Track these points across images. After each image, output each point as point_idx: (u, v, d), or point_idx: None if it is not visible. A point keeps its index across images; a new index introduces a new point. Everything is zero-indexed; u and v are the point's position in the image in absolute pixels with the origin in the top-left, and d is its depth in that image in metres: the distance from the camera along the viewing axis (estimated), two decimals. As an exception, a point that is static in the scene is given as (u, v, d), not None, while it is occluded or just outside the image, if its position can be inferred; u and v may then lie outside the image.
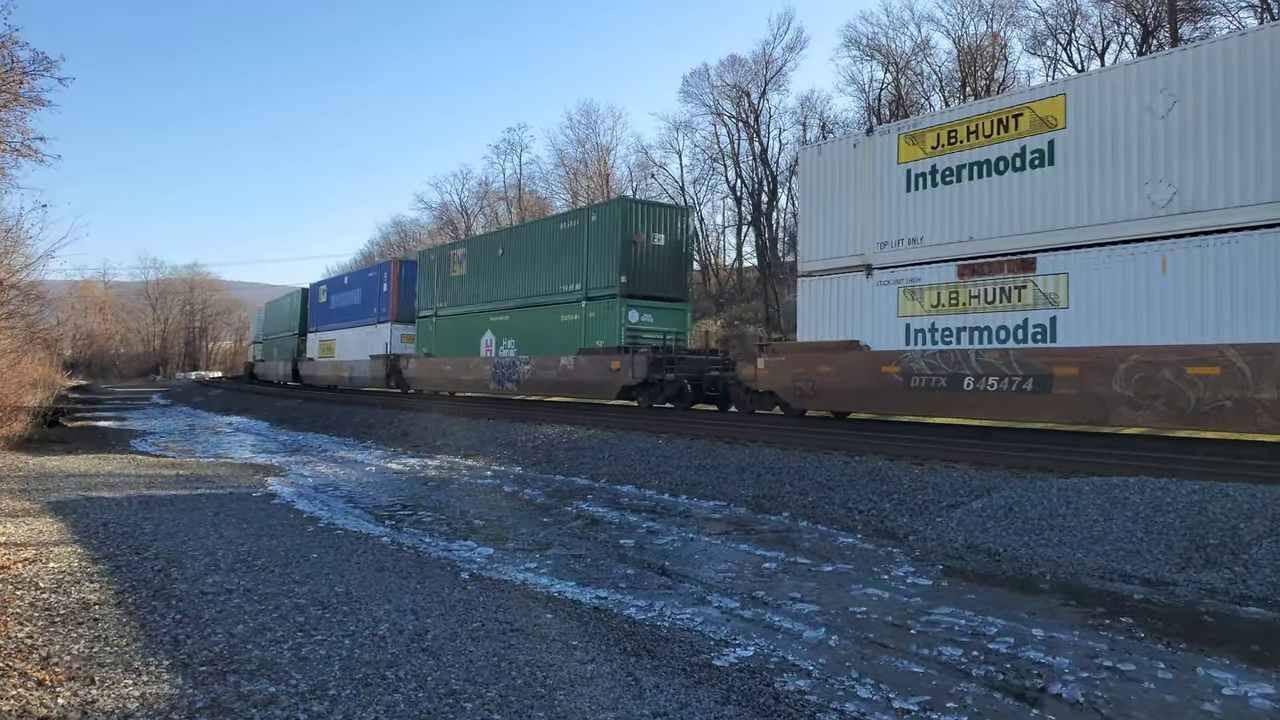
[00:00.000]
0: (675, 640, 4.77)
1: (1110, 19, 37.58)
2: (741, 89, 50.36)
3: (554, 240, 20.76)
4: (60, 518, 8.24)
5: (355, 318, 32.01)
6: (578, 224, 20.10)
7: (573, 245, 20.04)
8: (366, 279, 31.97)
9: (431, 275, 26.63)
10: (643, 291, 18.82)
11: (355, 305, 32.50)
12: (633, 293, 18.59)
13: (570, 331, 19.70)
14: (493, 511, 9.39)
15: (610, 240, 18.76)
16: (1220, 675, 4.28)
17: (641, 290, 18.79)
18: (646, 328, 18.68)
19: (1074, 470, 8.77)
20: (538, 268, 21.28)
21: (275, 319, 45.44)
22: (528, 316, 21.49)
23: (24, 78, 14.23)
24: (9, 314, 21.02)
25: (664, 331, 18.79)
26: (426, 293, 26.82)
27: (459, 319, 24.64)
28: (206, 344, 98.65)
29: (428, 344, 26.33)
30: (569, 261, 20.10)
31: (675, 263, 19.54)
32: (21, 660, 4.11)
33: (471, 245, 25.24)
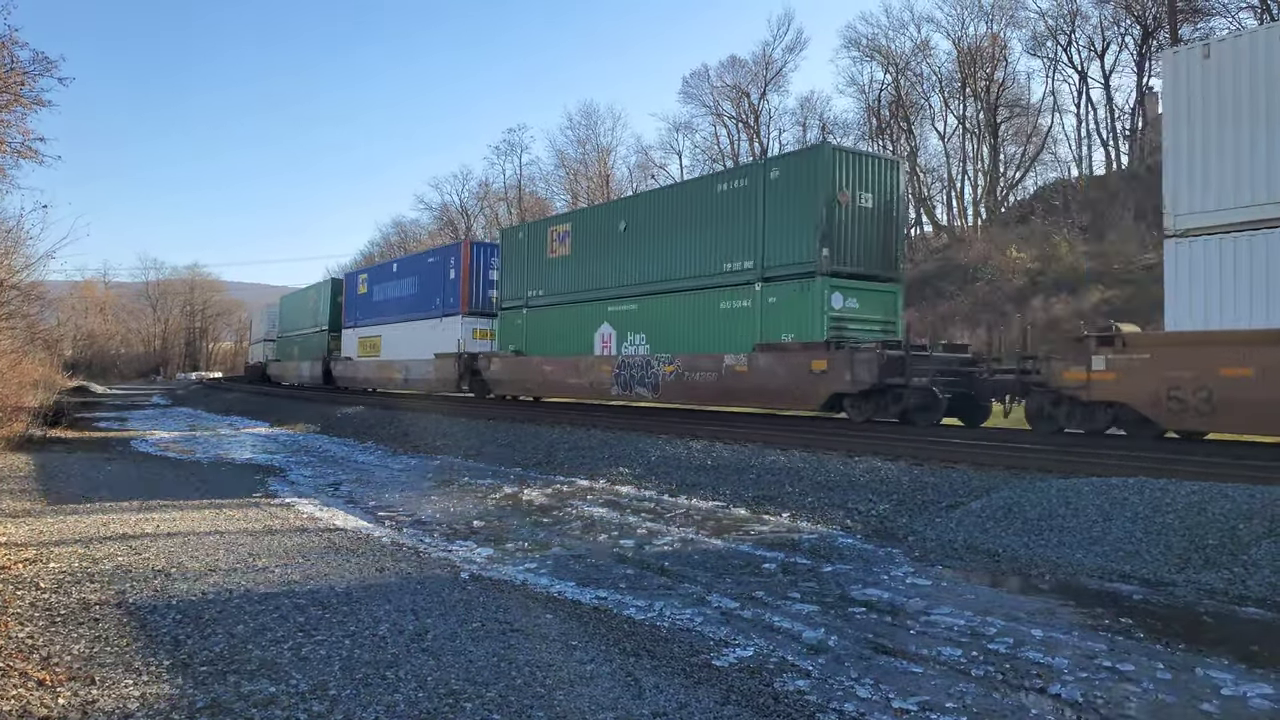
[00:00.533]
0: (675, 640, 4.78)
1: (1110, 20, 37.62)
2: (741, 90, 50.43)
3: (708, 207, 16.38)
4: (60, 518, 8.25)
5: (409, 311, 27.93)
6: (748, 183, 15.62)
7: (740, 211, 15.61)
8: (425, 266, 27.63)
9: (520, 258, 22.21)
10: (849, 269, 14.47)
11: (409, 297, 28.25)
12: (836, 270, 14.28)
13: (737, 322, 15.51)
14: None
15: (804, 201, 14.35)
16: (1219, 676, 4.29)
17: (848, 267, 14.44)
18: (853, 316, 14.47)
19: (1073, 471, 8.78)
20: (682, 243, 16.93)
21: (295, 314, 41.43)
22: (665, 305, 17.24)
23: (24, 78, 14.26)
24: (9, 314, 21.03)
25: (875, 321, 14.65)
26: (513, 279, 22.42)
27: (561, 310, 20.49)
28: (207, 344, 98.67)
29: (515, 340, 22.10)
30: (735, 232, 15.69)
31: (885, 231, 15.02)
32: (22, 660, 4.12)
33: (579, 220, 20.91)
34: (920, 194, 45.67)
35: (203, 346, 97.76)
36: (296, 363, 39.75)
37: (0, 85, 14.02)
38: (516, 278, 22.38)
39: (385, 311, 29.97)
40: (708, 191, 16.61)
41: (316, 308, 37.21)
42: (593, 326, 19.28)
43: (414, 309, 27.66)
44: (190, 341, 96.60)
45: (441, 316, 25.79)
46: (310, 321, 38.12)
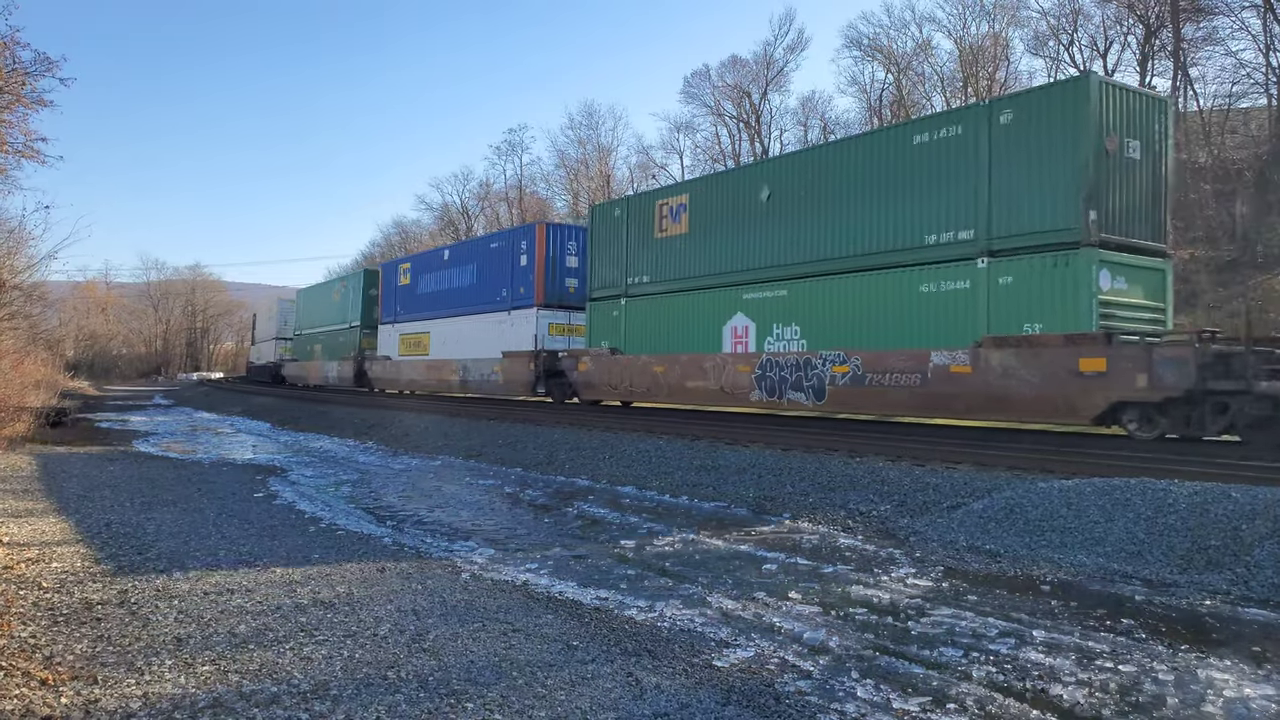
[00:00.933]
0: (676, 641, 4.78)
1: (1113, 19, 37.58)
2: (743, 89, 50.42)
3: (898, 164, 12.99)
4: (63, 518, 8.26)
5: (467, 304, 24.65)
6: (963, 131, 12.23)
7: (951, 167, 12.30)
8: (487, 252, 24.20)
9: (617, 239, 18.67)
10: (1118, 238, 11.10)
11: (466, 288, 24.83)
12: (1105, 239, 10.90)
13: (947, 310, 12.13)
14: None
15: (1058, 149, 11.04)
16: (1221, 677, 4.28)
17: (1117, 235, 11.10)
18: (1122, 299, 11.10)
19: (1075, 471, 8.77)
20: (857, 211, 13.56)
21: (317, 310, 37.83)
22: (831, 290, 13.88)
23: (26, 78, 14.29)
24: (11, 315, 21.08)
25: (1144, 307, 11.41)
26: (608, 265, 18.92)
27: (675, 300, 17.03)
28: (208, 345, 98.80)
29: (609, 335, 18.68)
30: (942, 195, 12.36)
31: (1154, 190, 11.71)
32: (25, 660, 4.13)
33: (700, 190, 16.96)
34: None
35: (204, 347, 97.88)
36: (320, 362, 36.00)
37: (2, 85, 14.04)
38: (611, 263, 18.71)
39: (435, 305, 26.59)
40: (897, 145, 13.11)
41: (345, 303, 33.75)
42: (721, 318, 15.81)
43: (473, 301, 24.36)
44: (191, 342, 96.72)
45: (510, 309, 22.37)
46: (337, 318, 34.69)
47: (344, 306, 34.03)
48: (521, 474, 12.65)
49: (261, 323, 51.62)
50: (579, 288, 21.43)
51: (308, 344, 38.80)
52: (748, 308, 15.41)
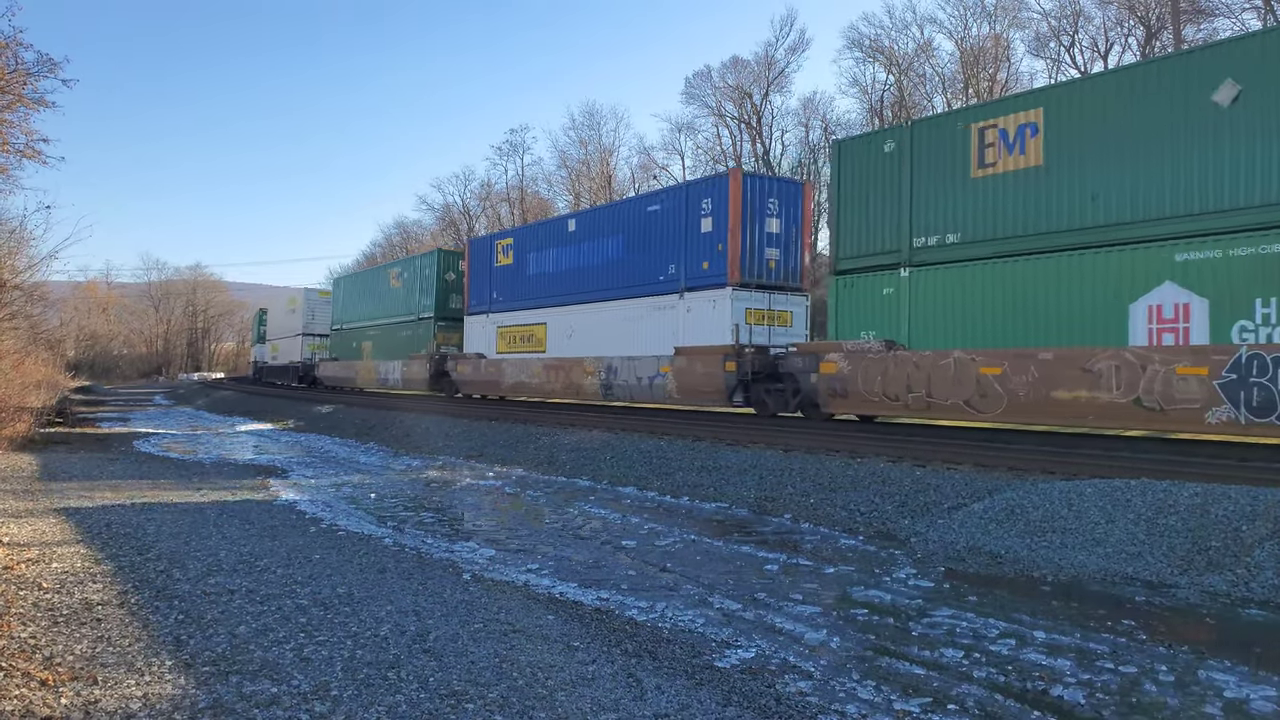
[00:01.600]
0: (677, 641, 4.78)
1: (1113, 21, 37.59)
2: (744, 90, 50.40)
3: None
4: (63, 518, 8.26)
5: (609, 285, 19.13)
6: None
7: None
8: (642, 216, 18.38)
9: (887, 184, 13.46)
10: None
11: (607, 265, 19.33)
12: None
13: None
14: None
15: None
16: (1222, 678, 4.28)
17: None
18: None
19: (1076, 472, 8.76)
20: None
21: (363, 302, 31.99)
22: None
23: (28, 79, 14.29)
24: (12, 315, 21.11)
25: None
26: (870, 222, 13.61)
27: (1011, 268, 11.73)
28: (209, 345, 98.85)
29: (874, 322, 13.51)
30: None
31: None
32: (25, 660, 4.13)
33: (1066, 100, 11.44)
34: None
35: (205, 347, 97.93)
36: (373, 363, 29.67)
37: (4, 86, 14.06)
38: (877, 220, 13.55)
39: (554, 289, 21.02)
40: None
41: (408, 291, 28.00)
42: (1124, 291, 10.54)
43: (619, 282, 18.79)
44: (192, 342, 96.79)
45: (683, 291, 17.00)
46: (395, 309, 28.91)
47: (407, 295, 28.03)
48: (522, 474, 12.65)
49: (277, 317, 45.33)
50: (781, 261, 16.56)
51: (352, 340, 32.48)
52: (1186, 275, 10.05)
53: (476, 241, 25.61)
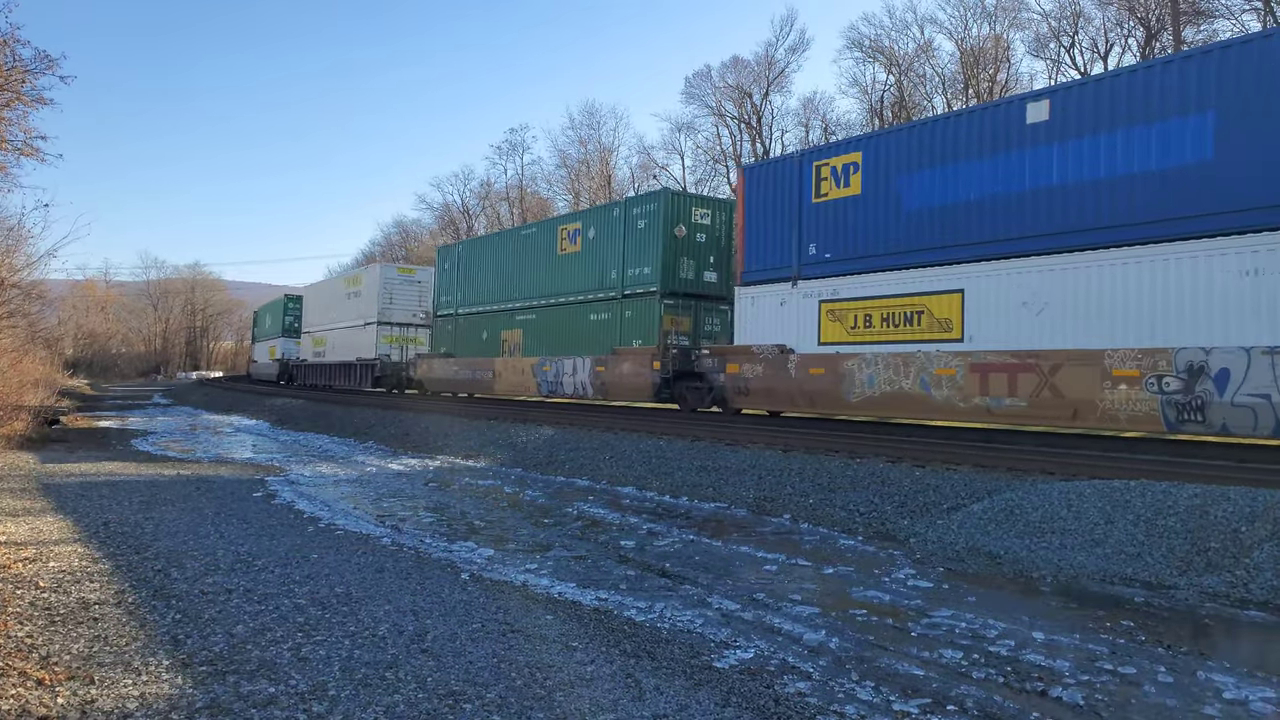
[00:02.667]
0: (675, 642, 4.77)
1: (1113, 22, 37.60)
2: (744, 90, 50.39)
3: None
4: (61, 517, 8.24)
5: (1164, 212, 9.63)
6: None
7: None
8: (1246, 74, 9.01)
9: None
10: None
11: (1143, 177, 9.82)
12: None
13: None
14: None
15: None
16: (1221, 679, 4.27)
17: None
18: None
19: (1075, 473, 8.76)
20: None
21: (508, 273, 22.48)
22: None
23: (26, 76, 14.27)
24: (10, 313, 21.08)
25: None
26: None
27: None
28: (208, 344, 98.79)
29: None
30: None
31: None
32: (21, 659, 4.11)
33: None
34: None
35: (203, 346, 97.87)
36: (527, 361, 20.78)
37: (2, 83, 14.03)
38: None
39: (968, 227, 11.78)
40: None
41: (601, 253, 18.90)
42: None
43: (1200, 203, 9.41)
44: (191, 341, 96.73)
45: None
46: (575, 281, 19.64)
47: (595, 261, 19.03)
48: (521, 474, 12.64)
49: (323, 303, 36.33)
50: None
51: (480, 330, 23.31)
52: None
53: (765, 167, 15.16)
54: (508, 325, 22.24)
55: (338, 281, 36.58)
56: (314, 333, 37.05)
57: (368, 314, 30.41)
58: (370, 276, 30.82)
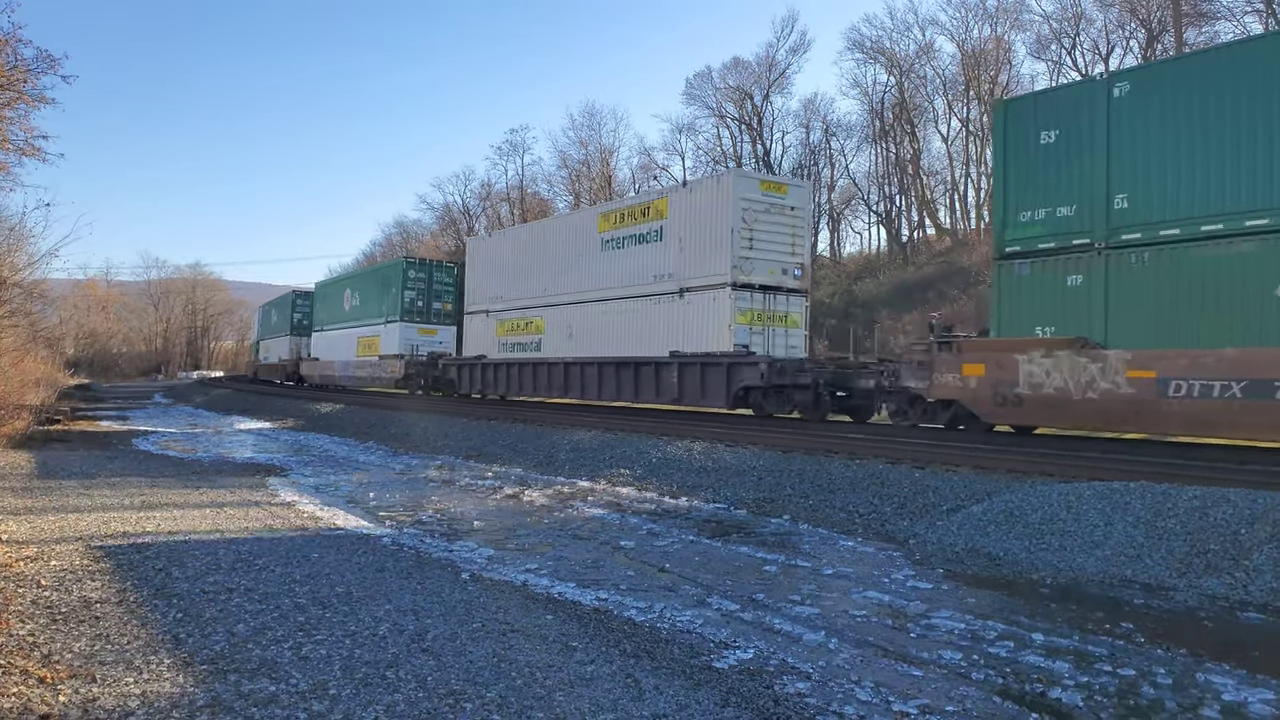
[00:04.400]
0: (675, 642, 4.77)
1: (1115, 23, 37.61)
2: (744, 91, 50.41)
3: None
4: (61, 515, 8.25)
5: None
6: None
7: None
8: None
9: None
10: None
11: None
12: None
13: None
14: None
15: None
16: (1220, 681, 4.28)
17: None
18: None
19: (1075, 475, 8.76)
20: None
21: None
22: None
23: (27, 75, 14.27)
24: (12, 312, 21.10)
25: None
26: None
27: None
28: (208, 344, 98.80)
29: None
30: None
31: None
32: (23, 658, 4.12)
33: None
34: (923, 197, 45.68)
35: (204, 345, 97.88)
36: None
37: (3, 82, 14.04)
38: None
39: None
40: None
41: None
42: None
43: None
44: (192, 340, 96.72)
45: None
46: None
47: None
48: (520, 473, 12.65)
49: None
50: None
51: None
52: None
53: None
54: None
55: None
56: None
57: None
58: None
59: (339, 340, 33.70)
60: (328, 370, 34.38)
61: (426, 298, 28.99)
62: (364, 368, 30.39)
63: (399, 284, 28.46)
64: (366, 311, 31.04)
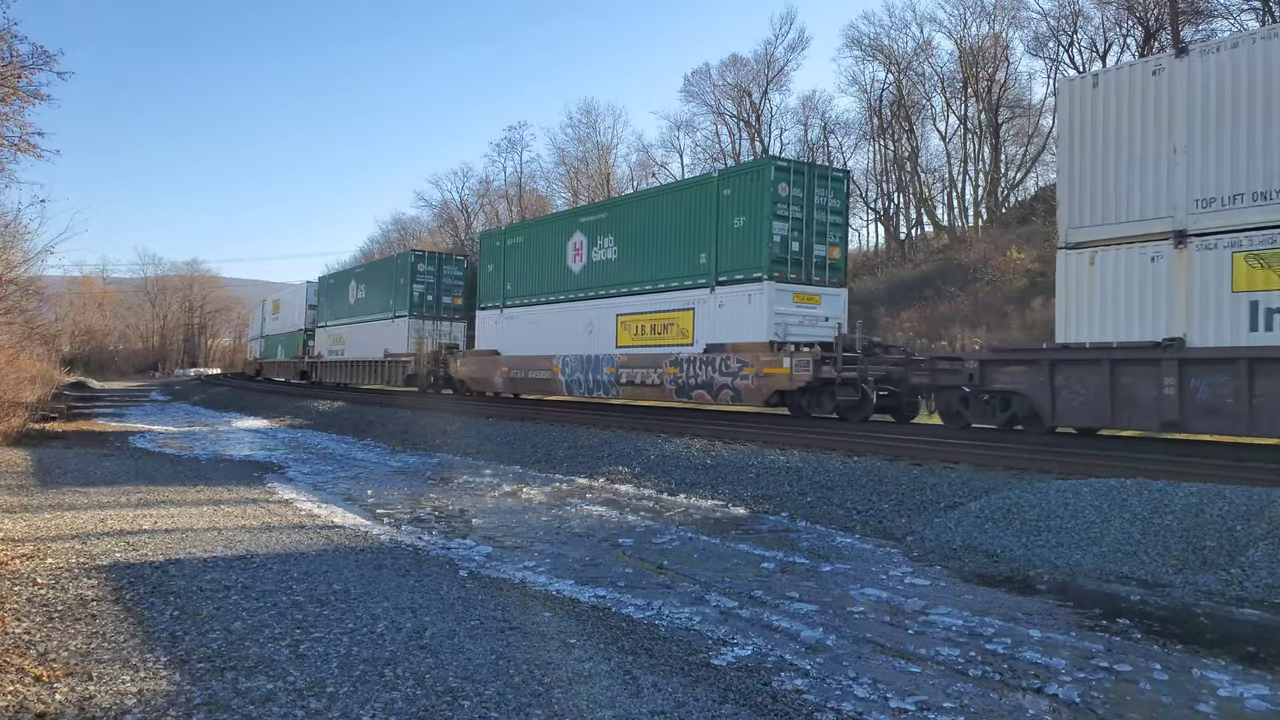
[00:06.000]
0: (673, 639, 4.77)
1: (1112, 21, 37.61)
2: (743, 88, 50.37)
3: None
4: (58, 513, 8.23)
5: None
6: None
7: None
8: None
9: None
10: None
11: None
12: None
13: None
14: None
15: None
16: (1216, 676, 4.29)
17: None
18: None
19: (1072, 472, 8.77)
20: None
21: None
22: None
23: (23, 71, 14.19)
24: (7, 310, 21.02)
25: None
26: None
27: None
28: (205, 341, 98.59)
29: None
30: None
31: None
32: (19, 656, 4.11)
33: None
34: (921, 194, 45.67)
35: (201, 343, 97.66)
36: None
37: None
38: None
39: None
40: None
41: None
42: None
43: None
44: (189, 338, 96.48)
45: None
46: None
47: None
48: (519, 471, 12.64)
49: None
50: None
51: None
52: None
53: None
54: None
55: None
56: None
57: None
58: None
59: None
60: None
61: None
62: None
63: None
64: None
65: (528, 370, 21.09)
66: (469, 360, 23.89)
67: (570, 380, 19.29)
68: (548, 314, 20.87)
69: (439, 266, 28.61)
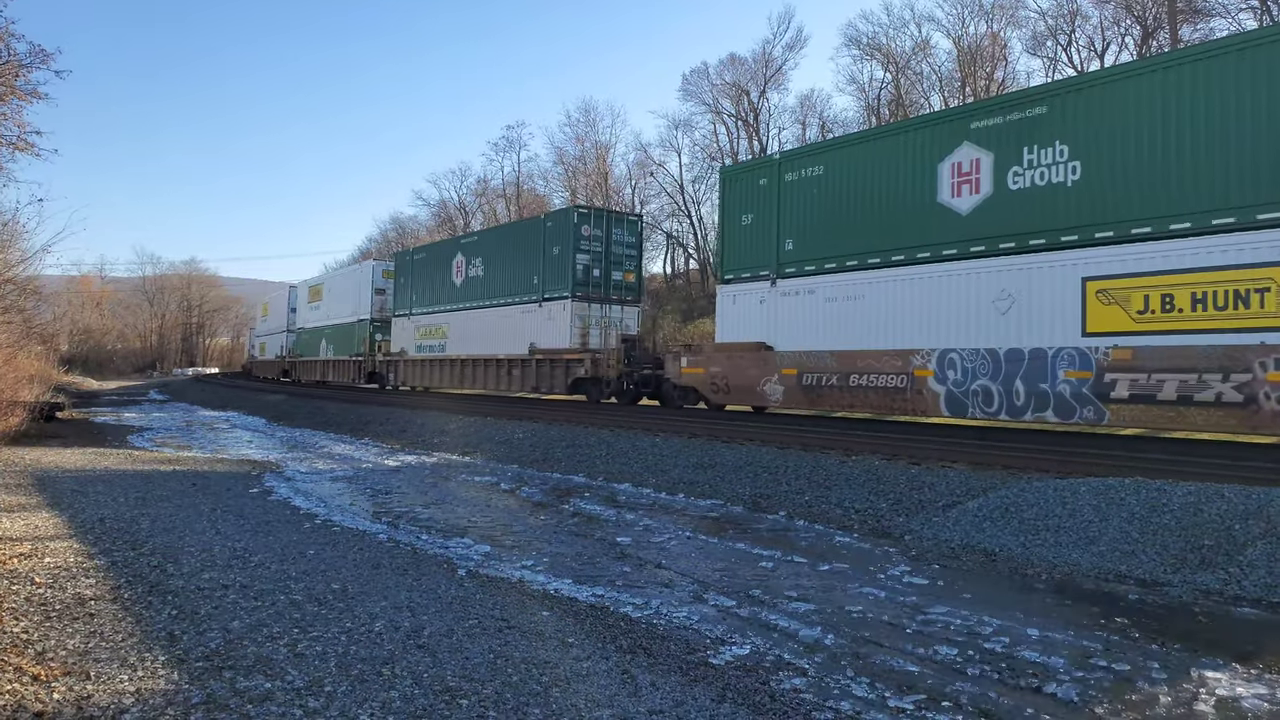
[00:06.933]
0: (671, 638, 4.77)
1: (1110, 20, 37.63)
2: (741, 88, 50.37)
3: None
4: (56, 512, 8.22)
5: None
6: None
7: None
8: None
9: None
10: None
11: None
12: None
13: None
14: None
15: None
16: (1214, 675, 4.29)
17: None
18: None
19: (1070, 471, 8.78)
20: None
21: None
22: None
23: (20, 70, 14.17)
24: (5, 309, 20.98)
25: None
26: None
27: None
28: (203, 340, 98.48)
29: None
30: None
31: None
32: (17, 655, 4.11)
33: None
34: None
35: (199, 342, 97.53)
36: None
37: (-4, 77, 13.94)
38: None
39: None
40: None
41: None
42: None
43: None
44: (187, 337, 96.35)
45: None
46: None
47: None
48: (517, 470, 12.64)
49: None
50: None
51: None
52: None
53: None
54: None
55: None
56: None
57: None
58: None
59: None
60: None
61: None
62: None
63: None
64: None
65: (849, 374, 13.93)
66: (713, 358, 16.76)
67: (960, 391, 12.24)
68: (910, 280, 13.21)
69: (607, 229, 20.91)
